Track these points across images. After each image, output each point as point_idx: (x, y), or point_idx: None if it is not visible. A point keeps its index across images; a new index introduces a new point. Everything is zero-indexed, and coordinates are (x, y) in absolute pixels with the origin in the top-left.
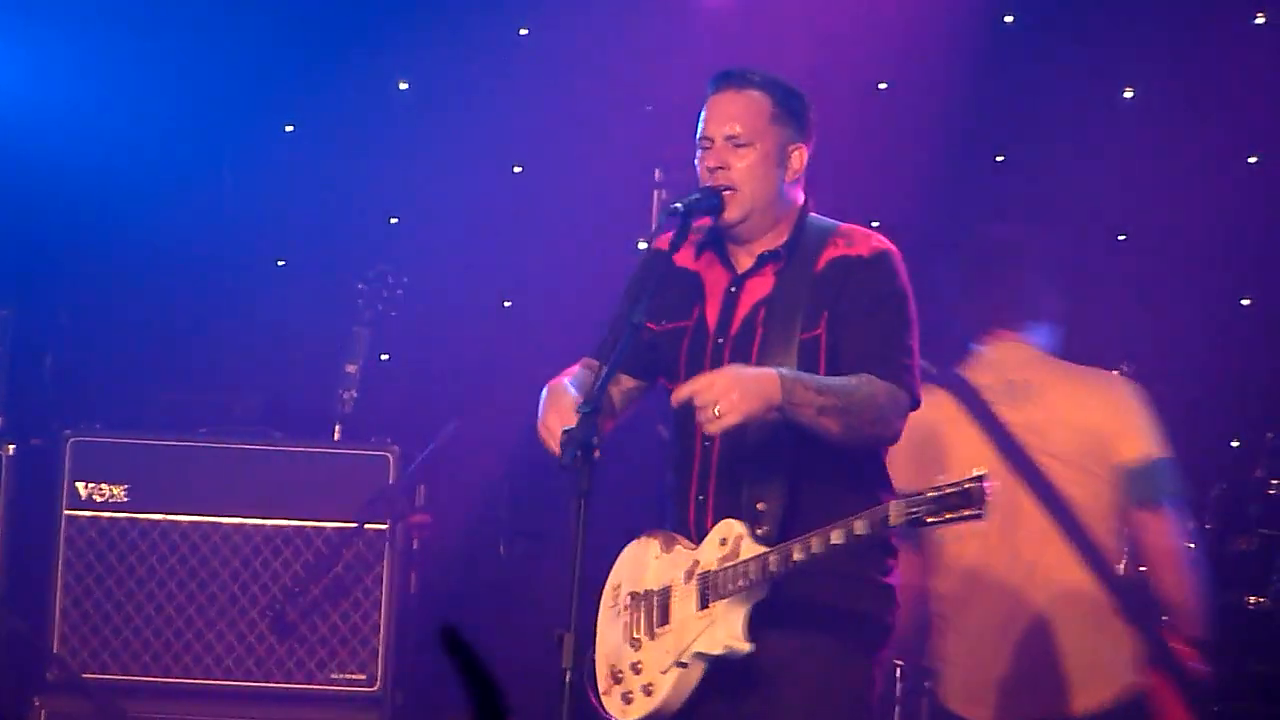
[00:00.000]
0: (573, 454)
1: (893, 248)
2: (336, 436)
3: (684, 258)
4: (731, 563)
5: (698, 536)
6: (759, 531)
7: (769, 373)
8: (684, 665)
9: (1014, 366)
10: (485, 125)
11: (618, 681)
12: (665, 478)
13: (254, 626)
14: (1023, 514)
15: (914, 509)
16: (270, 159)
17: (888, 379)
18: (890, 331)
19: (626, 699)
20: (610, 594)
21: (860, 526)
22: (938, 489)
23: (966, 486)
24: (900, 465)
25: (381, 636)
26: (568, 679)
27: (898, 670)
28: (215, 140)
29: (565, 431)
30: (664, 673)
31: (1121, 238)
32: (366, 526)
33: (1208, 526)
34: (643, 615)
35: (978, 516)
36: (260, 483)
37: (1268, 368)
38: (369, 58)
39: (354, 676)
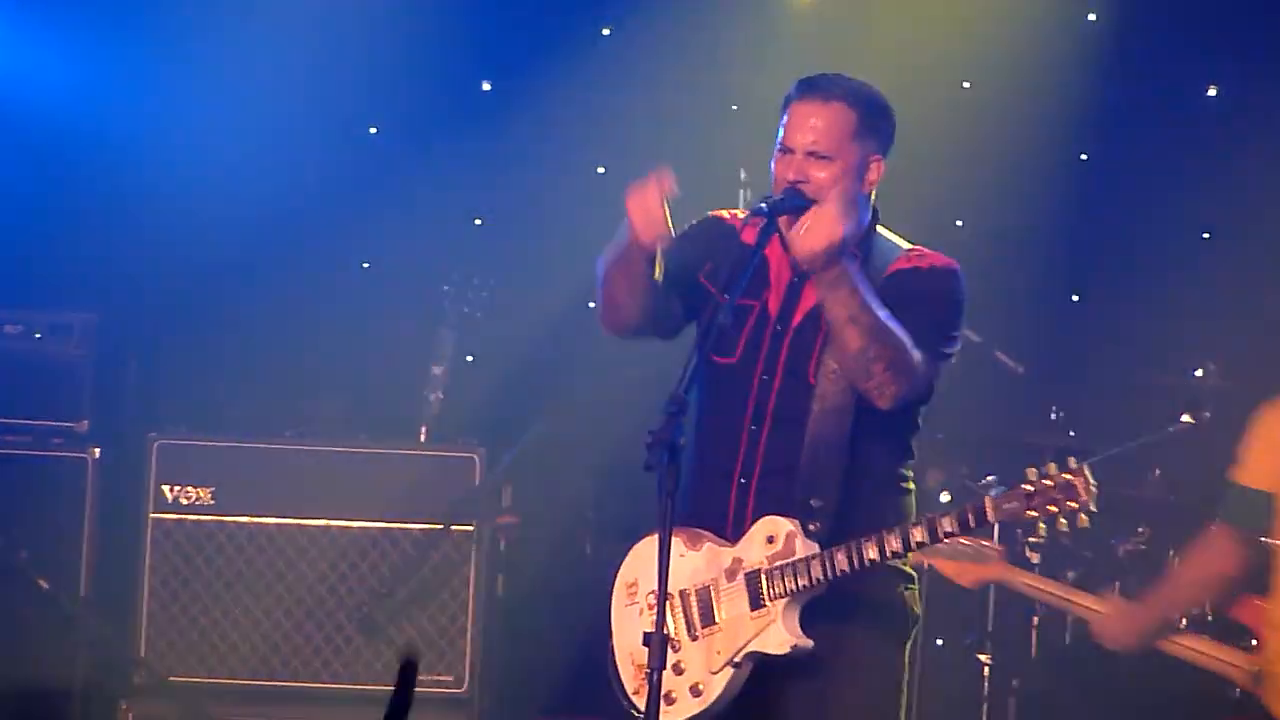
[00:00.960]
0: (660, 455)
1: (957, 266)
2: (422, 438)
3: (748, 236)
4: (785, 560)
5: (735, 521)
6: (811, 528)
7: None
8: (738, 665)
9: None
10: (569, 126)
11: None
12: (694, 454)
13: (341, 629)
14: None
15: (1010, 503)
16: (355, 161)
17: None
18: (937, 323)
19: (668, 700)
20: (624, 591)
21: (948, 524)
22: (1035, 483)
23: (1066, 478)
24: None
25: (469, 638)
26: (654, 679)
27: (985, 670)
28: (300, 144)
29: (650, 433)
30: (715, 673)
31: (1205, 235)
32: (453, 528)
33: None
34: (680, 614)
35: (1082, 510)
36: (346, 485)
37: None
38: (452, 59)
39: (442, 678)
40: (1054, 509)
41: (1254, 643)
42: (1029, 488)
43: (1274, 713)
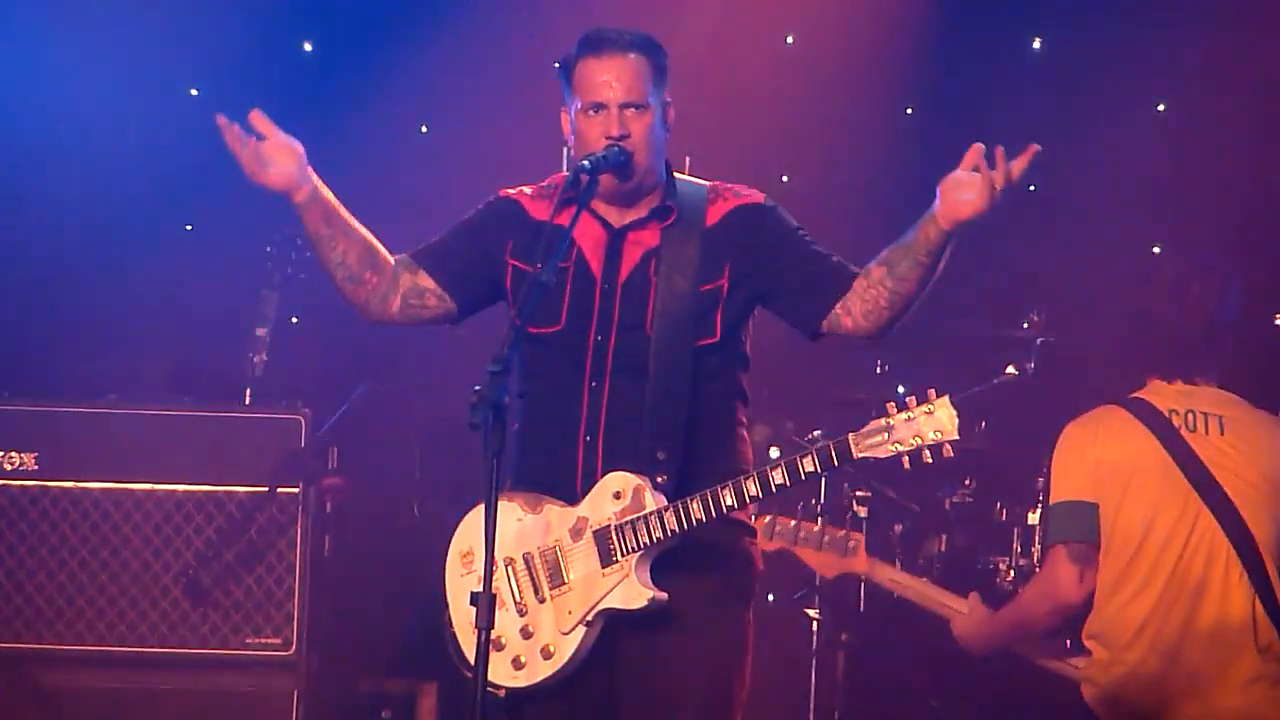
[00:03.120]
0: (484, 414)
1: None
2: (247, 401)
3: (539, 211)
4: (635, 515)
5: (584, 478)
6: (659, 480)
7: None
8: (590, 624)
9: (1206, 402)
10: (391, 85)
11: (499, 648)
12: (535, 420)
13: (168, 592)
14: (1203, 535)
15: (873, 438)
16: (177, 122)
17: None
18: (822, 252)
19: (517, 664)
20: (459, 561)
21: (809, 463)
22: (899, 418)
23: (929, 410)
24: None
25: (296, 600)
26: (482, 638)
27: (814, 625)
28: (122, 106)
29: (475, 391)
30: (566, 633)
31: (1031, 188)
32: (279, 490)
33: None
34: (526, 578)
35: (947, 441)
36: (171, 448)
37: None
38: (274, 19)
39: (269, 640)
40: (918, 441)
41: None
42: (890, 422)
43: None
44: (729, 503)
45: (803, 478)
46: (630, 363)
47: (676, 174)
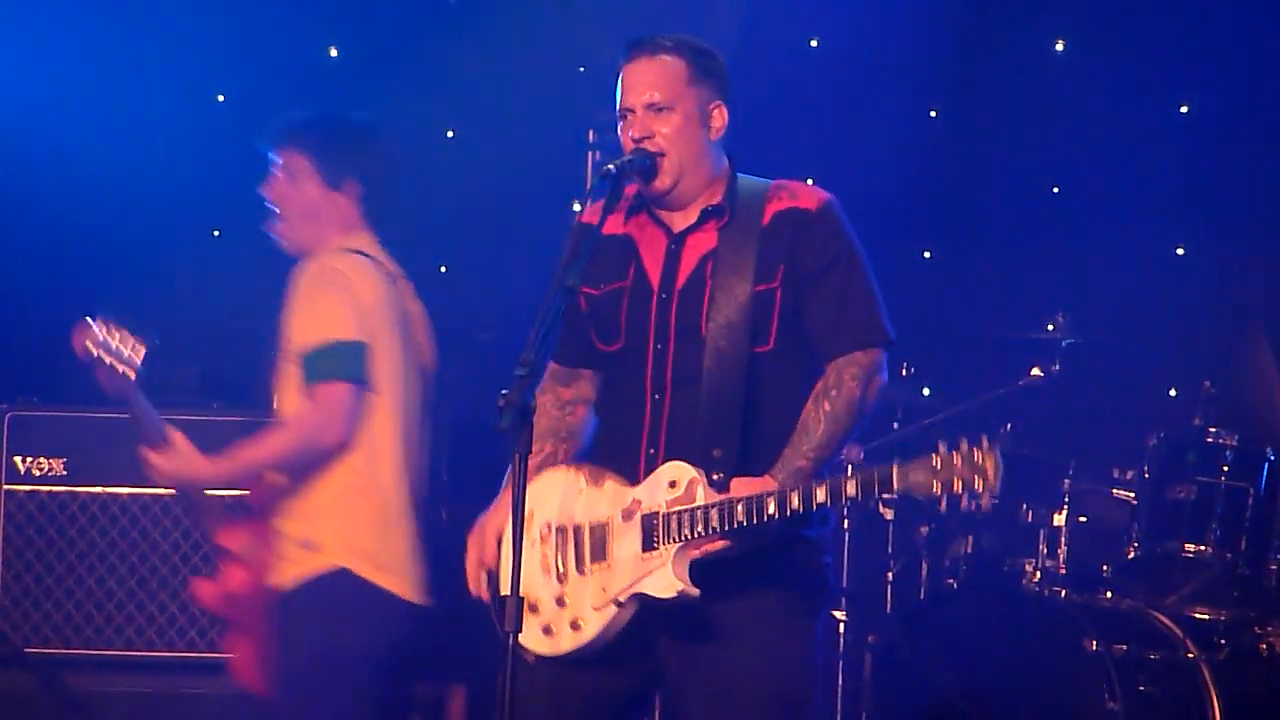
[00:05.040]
0: (511, 417)
1: (832, 196)
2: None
3: (613, 225)
4: (684, 506)
5: None
6: (715, 477)
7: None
8: (621, 605)
9: None
10: (416, 90)
11: (534, 611)
12: (600, 435)
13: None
14: None
15: (917, 475)
16: (204, 128)
17: (856, 347)
18: (852, 292)
19: (547, 631)
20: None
21: (851, 488)
22: (942, 456)
23: (977, 459)
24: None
25: None
26: (511, 642)
27: (840, 626)
28: (150, 112)
29: (502, 395)
30: (597, 610)
31: (1055, 190)
32: None
33: (1146, 475)
34: (570, 549)
35: (987, 492)
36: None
37: (1204, 317)
38: (299, 25)
39: None
40: (958, 488)
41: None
42: (937, 462)
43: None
44: (771, 511)
45: (844, 500)
46: (689, 372)
47: (742, 175)
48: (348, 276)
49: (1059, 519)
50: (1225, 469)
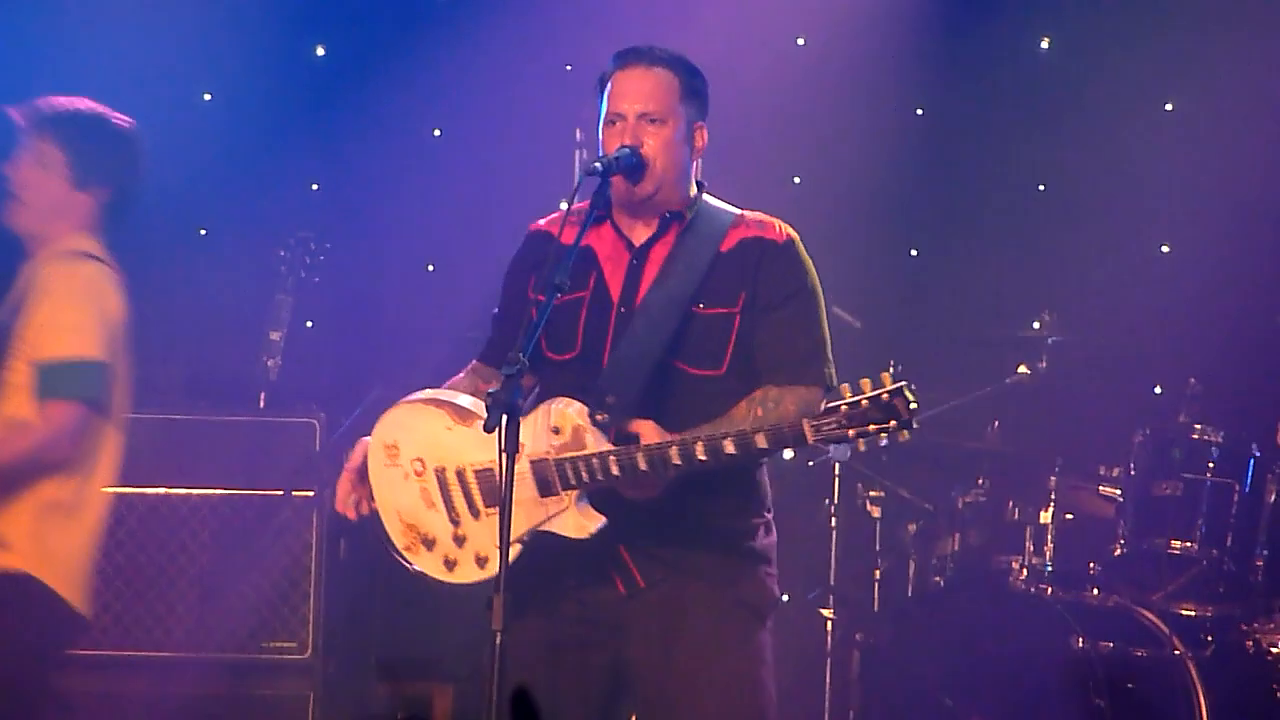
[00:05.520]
0: (498, 417)
1: (795, 233)
2: (262, 405)
3: (570, 236)
4: (574, 454)
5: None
6: (598, 418)
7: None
8: (525, 543)
9: None
10: (403, 89)
11: (429, 546)
12: None
13: (183, 597)
14: None
15: (827, 422)
16: (189, 127)
17: (798, 381)
18: (805, 328)
19: (449, 564)
20: (383, 451)
21: (761, 440)
22: (853, 403)
23: (885, 398)
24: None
25: (311, 604)
26: (498, 640)
27: (828, 624)
28: (135, 110)
29: (490, 394)
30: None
31: (1041, 188)
32: (294, 494)
33: (1132, 472)
34: (458, 492)
35: (904, 427)
36: (186, 453)
37: (1189, 314)
38: (286, 23)
39: (284, 644)
40: (874, 428)
41: None
42: (846, 408)
43: None
44: (676, 461)
45: (753, 452)
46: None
47: (709, 198)
48: (99, 288)
49: (1045, 516)
50: (1211, 466)
